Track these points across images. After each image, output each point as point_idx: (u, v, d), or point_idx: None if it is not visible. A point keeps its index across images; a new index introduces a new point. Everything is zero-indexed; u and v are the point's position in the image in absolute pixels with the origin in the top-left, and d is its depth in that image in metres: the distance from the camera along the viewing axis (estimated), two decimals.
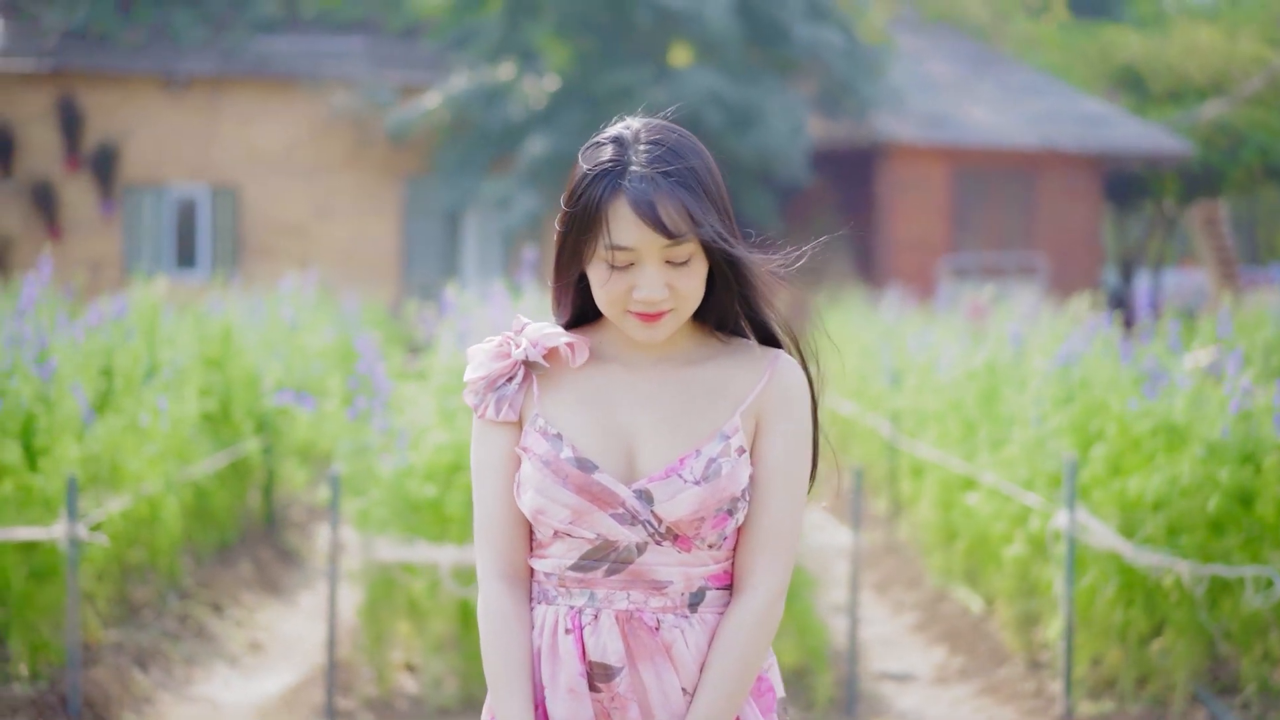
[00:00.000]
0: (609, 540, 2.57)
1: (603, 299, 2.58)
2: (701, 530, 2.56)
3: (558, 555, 2.60)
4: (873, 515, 10.90)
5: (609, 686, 2.56)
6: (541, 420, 2.61)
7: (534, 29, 22.61)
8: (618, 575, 2.57)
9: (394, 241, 24.44)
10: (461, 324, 7.10)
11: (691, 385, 2.63)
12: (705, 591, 2.60)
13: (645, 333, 2.58)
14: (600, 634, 2.57)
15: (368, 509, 6.29)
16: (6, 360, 6.76)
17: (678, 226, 2.52)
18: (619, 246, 2.53)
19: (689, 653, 2.57)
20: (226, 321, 9.77)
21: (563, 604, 2.59)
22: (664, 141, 2.58)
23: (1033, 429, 7.17)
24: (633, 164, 2.55)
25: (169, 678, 6.86)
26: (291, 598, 8.73)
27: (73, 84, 23.66)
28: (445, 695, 6.25)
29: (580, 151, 2.61)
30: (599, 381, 2.64)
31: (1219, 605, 6.21)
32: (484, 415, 2.64)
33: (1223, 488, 6.06)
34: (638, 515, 2.56)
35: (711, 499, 2.55)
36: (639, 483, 2.57)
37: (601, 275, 2.56)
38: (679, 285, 2.55)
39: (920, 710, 6.69)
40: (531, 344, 2.63)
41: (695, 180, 2.55)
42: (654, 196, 2.52)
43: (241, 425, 9.47)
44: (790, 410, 2.62)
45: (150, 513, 7.46)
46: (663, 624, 2.57)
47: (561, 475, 2.57)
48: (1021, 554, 7.08)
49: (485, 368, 2.65)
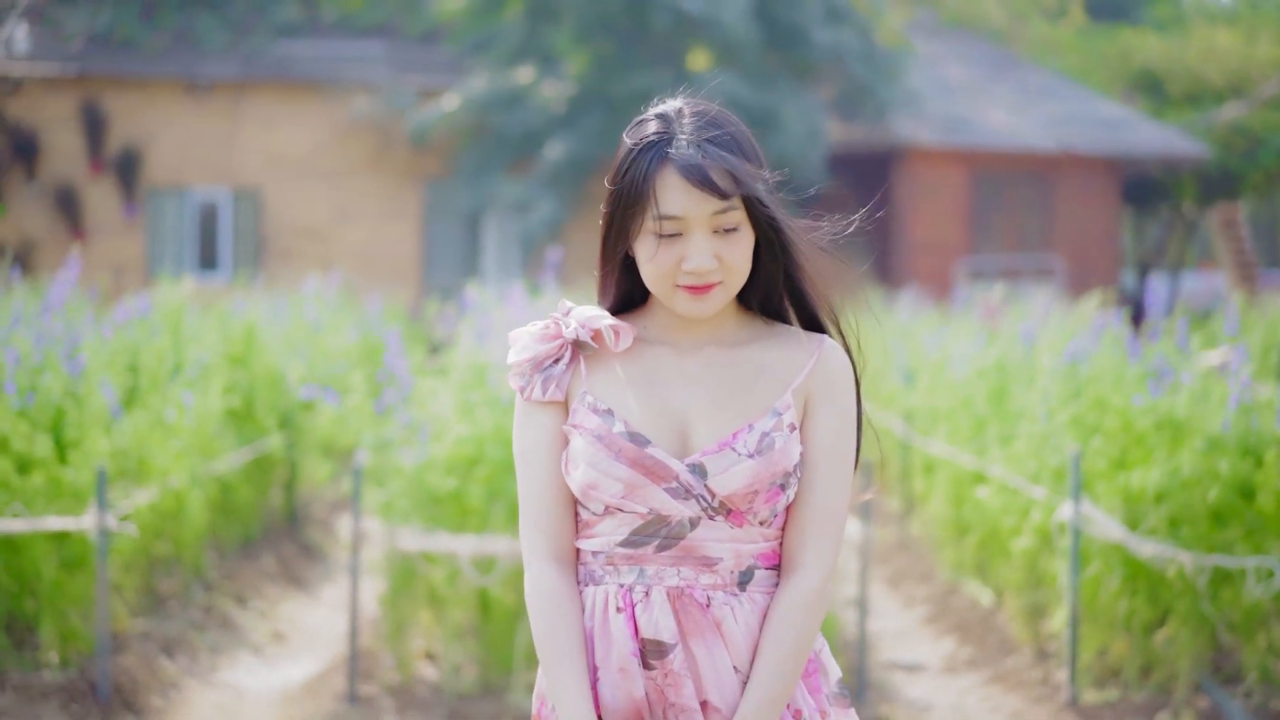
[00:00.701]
0: (661, 515, 2.57)
1: (651, 274, 2.59)
2: (754, 504, 2.57)
3: (607, 533, 2.61)
4: (886, 512, 11.04)
5: (663, 664, 2.56)
6: (591, 397, 2.62)
7: (553, 33, 22.77)
8: (669, 551, 2.58)
9: (414, 244, 24.62)
10: (481, 322, 7.27)
11: (739, 366, 2.65)
12: (754, 571, 2.61)
13: (694, 306, 2.59)
14: (652, 611, 2.57)
15: (390, 500, 6.45)
16: (37, 356, 6.95)
17: (727, 187, 2.54)
18: (668, 216, 2.55)
19: (739, 630, 2.58)
20: (250, 320, 9.95)
21: (611, 583, 2.60)
22: (706, 113, 2.63)
23: (1040, 424, 7.31)
24: (679, 134, 2.59)
25: (195, 665, 7.03)
26: (313, 591, 8.90)
27: (96, 88, 23.88)
28: (464, 682, 6.41)
29: (625, 131, 2.65)
30: (647, 364, 2.65)
31: (1221, 596, 6.33)
32: (530, 396, 2.64)
33: (1222, 480, 6.19)
34: (691, 489, 2.57)
35: (765, 472, 2.56)
36: (692, 456, 2.58)
37: (650, 249, 2.58)
38: (726, 256, 2.57)
39: (928, 698, 6.83)
40: (580, 325, 2.64)
41: (738, 146, 2.60)
42: (701, 161, 2.55)
43: (264, 422, 9.65)
44: (836, 393, 2.65)
45: (176, 506, 7.63)
46: (713, 601, 2.57)
47: (614, 449, 2.57)
48: (1029, 547, 7.22)
49: (531, 350, 2.65)
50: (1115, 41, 30.92)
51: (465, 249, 24.70)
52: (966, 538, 8.50)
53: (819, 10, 23.07)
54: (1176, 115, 28.91)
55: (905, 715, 6.49)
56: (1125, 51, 30.39)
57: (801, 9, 22.82)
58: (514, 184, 22.80)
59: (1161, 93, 29.99)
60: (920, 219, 24.73)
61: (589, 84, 22.43)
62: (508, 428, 6.36)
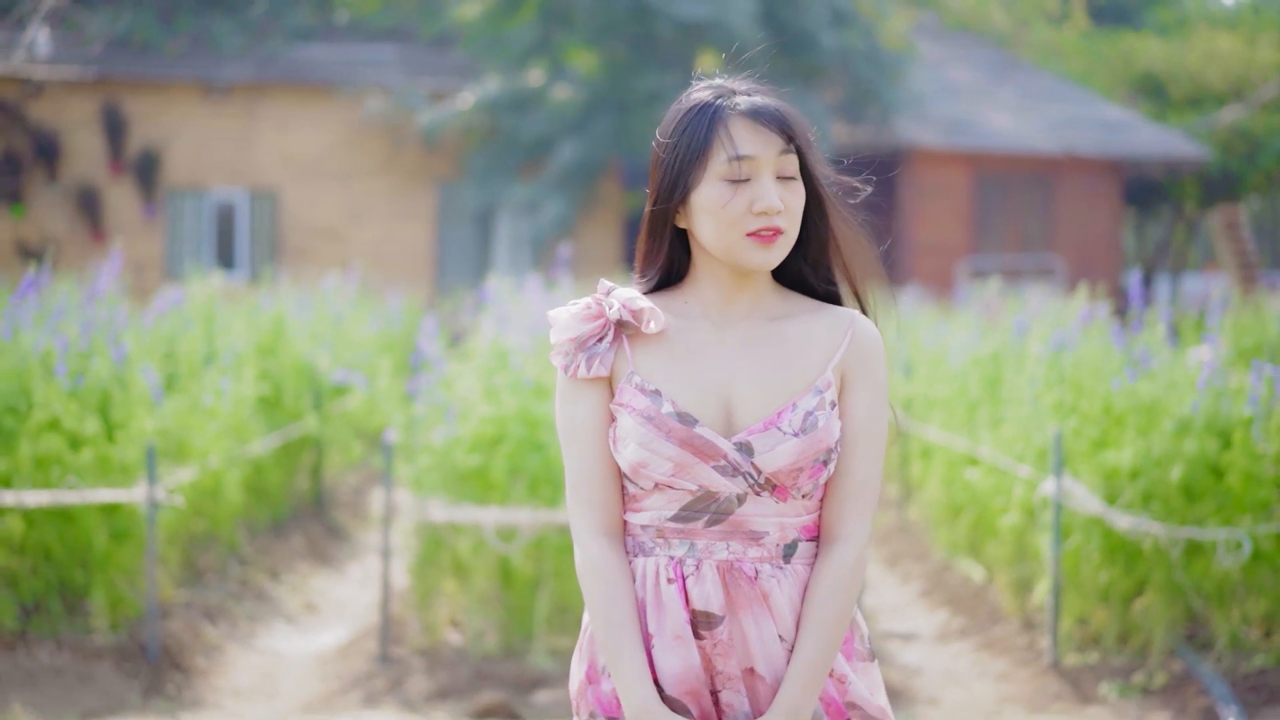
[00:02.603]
0: (710, 491, 2.65)
1: (721, 223, 2.66)
2: (799, 480, 2.66)
3: (656, 507, 2.68)
4: (885, 499, 11.51)
5: (712, 634, 2.65)
6: (638, 377, 2.68)
7: (564, 37, 23.15)
8: (718, 526, 2.66)
9: (427, 244, 25.06)
10: (501, 311, 7.75)
11: (777, 341, 2.72)
12: (798, 543, 2.69)
13: (762, 255, 2.66)
14: (703, 583, 2.65)
15: (419, 475, 6.93)
16: (83, 343, 7.42)
17: (793, 126, 2.70)
18: (742, 156, 2.65)
19: (784, 601, 2.67)
20: (279, 313, 10.44)
21: (661, 555, 2.67)
22: (756, 83, 2.78)
23: (1027, 408, 7.78)
24: (737, 92, 2.72)
25: (235, 631, 7.53)
26: (340, 568, 9.39)
27: (116, 91, 24.35)
28: (487, 646, 6.87)
29: (680, 98, 2.76)
30: (690, 339, 2.72)
31: (1193, 567, 6.79)
32: (574, 375, 2.70)
33: (1188, 459, 6.66)
34: (739, 467, 2.65)
35: (809, 450, 2.64)
36: (739, 435, 2.66)
37: (720, 196, 2.66)
38: (789, 201, 2.67)
39: (921, 663, 7.30)
40: (622, 305, 2.70)
41: (790, 108, 2.75)
42: (769, 105, 2.70)
43: (293, 409, 10.13)
44: (871, 369, 2.73)
45: (214, 485, 8.11)
46: (760, 574, 2.66)
47: (664, 430, 2.64)
48: (1016, 523, 7.68)
49: (573, 329, 2.71)
50: (1118, 45, 31.30)
51: (477, 249, 25.13)
52: (960, 518, 8.96)
53: (825, 14, 23.38)
54: (1178, 118, 29.28)
55: (899, 676, 6.95)
56: (1127, 55, 30.77)
57: (808, 13, 23.17)
58: (525, 185, 23.18)
59: (1163, 96, 30.38)
60: (924, 220, 25.14)
61: (599, 87, 22.79)
62: (529, 409, 6.85)
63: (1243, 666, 6.63)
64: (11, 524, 6.73)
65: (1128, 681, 6.61)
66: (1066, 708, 6.47)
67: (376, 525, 9.92)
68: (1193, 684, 6.45)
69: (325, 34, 25.85)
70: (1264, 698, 6.34)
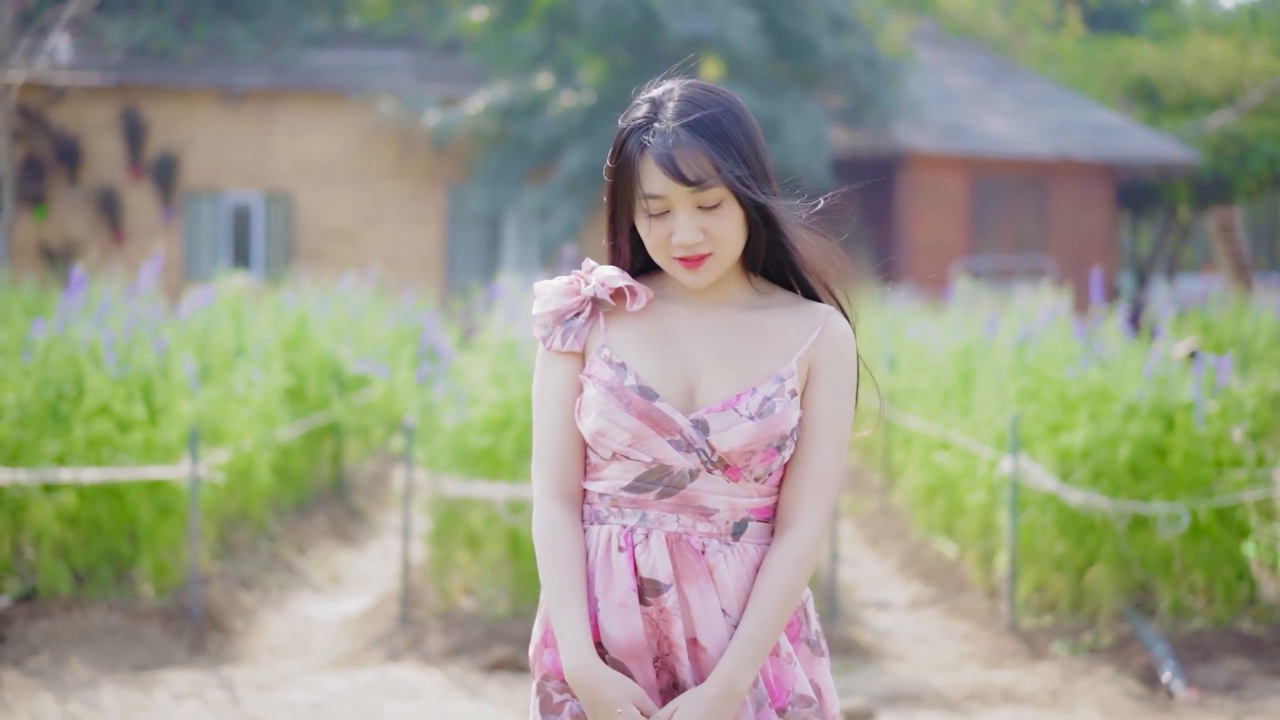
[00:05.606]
0: (664, 465, 2.71)
1: (650, 247, 2.74)
2: (750, 463, 2.71)
3: (613, 477, 2.75)
4: (870, 486, 12.21)
5: (657, 601, 2.71)
6: (607, 350, 2.76)
7: (570, 45, 23.71)
8: (669, 499, 2.72)
9: (437, 247, 25.66)
10: (510, 306, 8.48)
11: (749, 329, 2.78)
12: (748, 523, 2.75)
13: (690, 277, 2.72)
14: (651, 552, 2.71)
15: (434, 455, 7.65)
16: (127, 336, 8.14)
17: (697, 174, 2.65)
18: (651, 195, 2.68)
19: (729, 576, 2.72)
20: (302, 310, 11.17)
21: (615, 523, 2.74)
22: (693, 98, 2.71)
23: (994, 396, 8.49)
24: (658, 120, 2.70)
25: (268, 598, 8.25)
26: (361, 545, 10.13)
27: (136, 97, 24.94)
28: (498, 609, 7.58)
29: (624, 112, 2.78)
30: (663, 320, 2.79)
31: (1138, 538, 7.49)
32: (551, 347, 2.78)
33: (1135, 440, 7.36)
34: (693, 443, 2.70)
35: (763, 434, 2.70)
36: (697, 412, 2.72)
37: (644, 225, 2.72)
38: (713, 229, 2.69)
39: (893, 627, 8.01)
40: (600, 283, 2.78)
41: (719, 129, 2.68)
42: (673, 149, 2.66)
43: (315, 399, 10.85)
44: (838, 364, 2.77)
45: (246, 466, 8.82)
46: (708, 548, 2.72)
47: (625, 401, 2.71)
48: (982, 501, 8.39)
49: (554, 303, 2.80)
50: (1113, 51, 31.79)
51: (486, 251, 25.71)
52: (935, 500, 9.67)
53: (825, 21, 23.84)
54: (1172, 123, 29.79)
55: (871, 638, 7.65)
56: (1122, 61, 31.27)
57: (808, 20, 23.64)
58: (533, 190, 23.68)
59: (1157, 100, 30.90)
60: (922, 222, 25.66)
61: (605, 94, 23.28)
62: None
63: (1183, 629, 7.31)
64: (66, 499, 7.44)
65: (1077, 641, 7.32)
66: (1020, 663, 7.17)
67: (395, 507, 10.67)
68: (1136, 643, 7.14)
69: (338, 41, 26.48)
70: (1199, 655, 7.02)
